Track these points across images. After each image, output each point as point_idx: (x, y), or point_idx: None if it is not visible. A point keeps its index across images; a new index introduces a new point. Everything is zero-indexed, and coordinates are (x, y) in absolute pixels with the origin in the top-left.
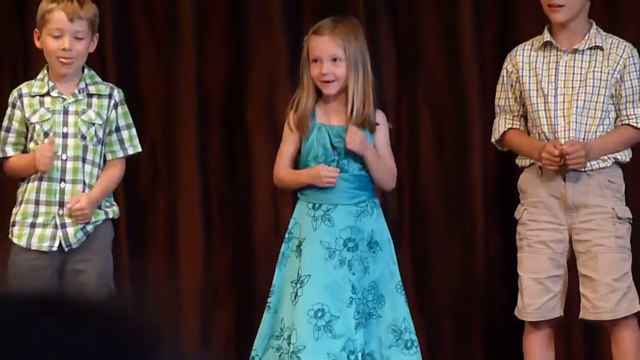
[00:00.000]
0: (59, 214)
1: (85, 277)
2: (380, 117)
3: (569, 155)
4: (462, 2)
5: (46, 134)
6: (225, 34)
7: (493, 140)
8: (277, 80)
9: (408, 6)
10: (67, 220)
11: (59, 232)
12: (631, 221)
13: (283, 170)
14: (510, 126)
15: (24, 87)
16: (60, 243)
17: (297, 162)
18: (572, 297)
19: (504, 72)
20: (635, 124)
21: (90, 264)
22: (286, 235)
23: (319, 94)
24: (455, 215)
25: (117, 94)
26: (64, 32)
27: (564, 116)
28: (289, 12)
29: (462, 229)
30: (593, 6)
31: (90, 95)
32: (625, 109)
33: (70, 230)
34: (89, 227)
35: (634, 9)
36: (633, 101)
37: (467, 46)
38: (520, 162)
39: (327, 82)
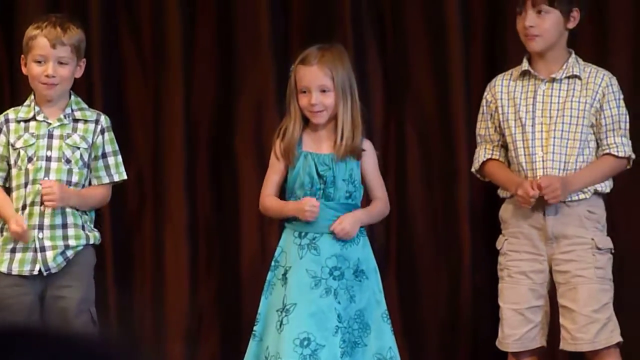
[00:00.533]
0: (38, 237)
1: (66, 303)
2: (367, 145)
3: (545, 191)
4: (450, 28)
5: (30, 159)
6: (213, 62)
7: (473, 170)
8: (265, 109)
9: (396, 31)
10: (47, 244)
11: (39, 256)
12: (612, 251)
13: (269, 200)
14: (489, 156)
15: (10, 113)
16: (40, 267)
17: (284, 190)
18: (555, 327)
19: (483, 101)
20: (616, 153)
21: (71, 290)
22: (272, 264)
23: (305, 122)
24: (442, 243)
25: (104, 120)
26: (47, 58)
27: (542, 146)
28: (277, 40)
29: (448, 256)
30: (579, 36)
31: (76, 120)
32: (606, 137)
33: (49, 254)
34: (69, 253)
35: (622, 39)
36: (613, 130)
37: (455, 72)
38: (502, 192)
39: (317, 112)
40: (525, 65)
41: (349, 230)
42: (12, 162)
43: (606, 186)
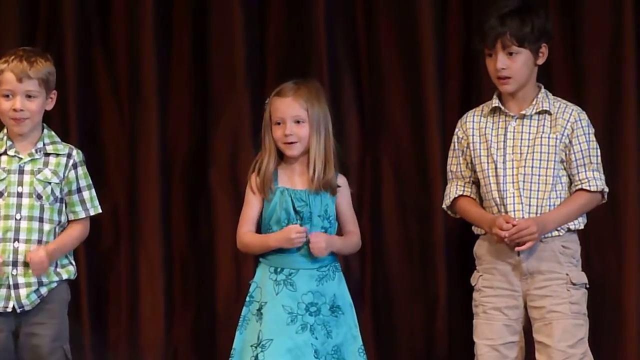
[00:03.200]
0: (12, 274)
1: (39, 340)
2: (342, 180)
3: (521, 233)
4: (425, 65)
5: (1, 194)
6: (189, 95)
7: (444, 206)
8: (240, 142)
9: (372, 68)
10: (20, 281)
11: (12, 293)
12: (587, 286)
13: (248, 236)
14: (461, 193)
15: None
16: (14, 304)
17: (259, 224)
18: None
19: (455, 138)
20: (588, 188)
21: (45, 327)
22: (247, 299)
23: (280, 157)
24: (417, 277)
25: (77, 155)
26: (14, 92)
27: (513, 182)
28: (253, 73)
29: (423, 290)
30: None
31: (47, 155)
32: (578, 173)
33: (22, 292)
34: (43, 290)
35: (597, 75)
36: (584, 164)
37: (430, 108)
38: (475, 229)
39: (290, 143)
40: (495, 101)
41: (322, 246)
42: None
43: (579, 223)
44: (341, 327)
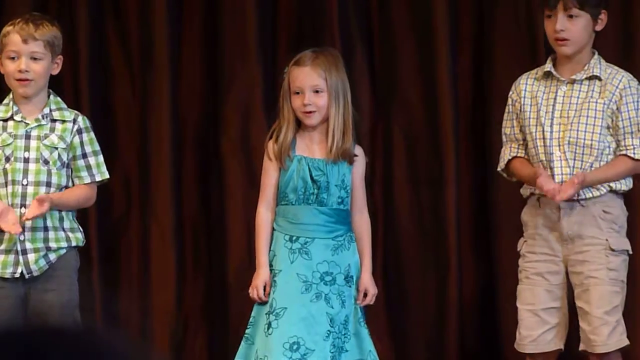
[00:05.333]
0: (20, 240)
1: (48, 307)
2: (359, 151)
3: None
4: (438, 33)
5: (7, 159)
6: (201, 64)
7: (499, 169)
8: (252, 110)
9: (383, 36)
10: (28, 246)
11: (21, 259)
12: (629, 253)
13: (262, 219)
14: (515, 154)
15: None
16: (22, 270)
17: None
18: (573, 330)
19: (509, 100)
20: (632, 155)
21: (54, 293)
22: None
23: (298, 125)
24: (428, 246)
25: (82, 121)
26: (19, 54)
27: (559, 145)
28: (265, 42)
29: (435, 260)
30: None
31: (53, 121)
32: (624, 139)
33: (31, 257)
34: (52, 257)
35: None
36: (632, 132)
37: (442, 77)
38: (523, 192)
39: (309, 112)
40: (548, 66)
41: (373, 292)
42: None
43: (622, 184)
44: (351, 297)
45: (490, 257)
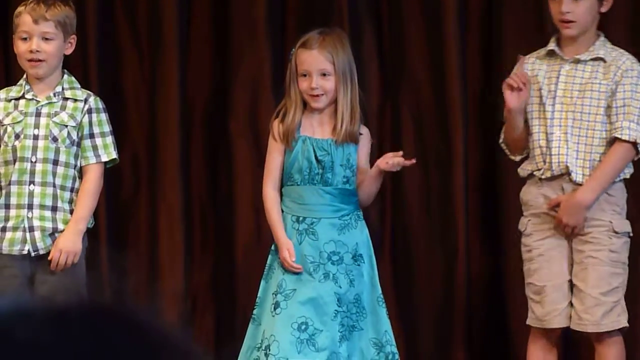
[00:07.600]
0: (27, 217)
1: (55, 287)
2: (364, 130)
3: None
4: (446, 13)
5: (17, 136)
6: (209, 44)
7: (500, 141)
8: (260, 90)
9: (392, 16)
10: (35, 224)
11: (27, 236)
12: (630, 235)
13: (272, 206)
14: None
15: (2, 92)
16: (29, 248)
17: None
18: None
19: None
20: (620, 135)
21: (61, 273)
22: (272, 247)
23: (304, 106)
24: (437, 227)
25: (93, 101)
26: (31, 34)
27: (560, 126)
28: (273, 22)
29: (444, 241)
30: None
31: (65, 99)
32: (616, 121)
33: (37, 235)
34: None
35: None
36: (624, 113)
37: (451, 57)
38: (521, 172)
39: (316, 96)
40: (552, 45)
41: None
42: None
43: (624, 173)
44: (362, 275)
45: (499, 238)
